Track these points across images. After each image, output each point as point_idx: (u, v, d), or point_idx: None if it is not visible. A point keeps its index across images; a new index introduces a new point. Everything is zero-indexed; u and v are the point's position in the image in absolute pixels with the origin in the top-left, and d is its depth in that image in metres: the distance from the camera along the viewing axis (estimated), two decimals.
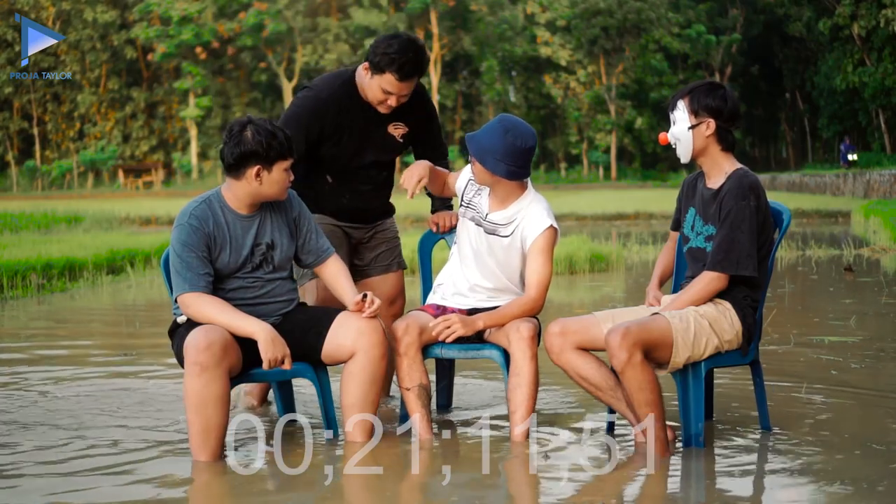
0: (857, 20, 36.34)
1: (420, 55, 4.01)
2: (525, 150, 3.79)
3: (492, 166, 3.79)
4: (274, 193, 3.74)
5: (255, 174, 3.66)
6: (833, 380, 4.91)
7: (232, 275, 3.72)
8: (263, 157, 3.64)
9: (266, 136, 3.64)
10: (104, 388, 4.97)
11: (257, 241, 3.75)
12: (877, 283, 9.23)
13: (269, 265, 3.78)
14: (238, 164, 3.66)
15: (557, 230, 3.94)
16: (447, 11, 52.40)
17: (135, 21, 53.84)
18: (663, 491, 3.25)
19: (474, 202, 4.03)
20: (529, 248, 3.90)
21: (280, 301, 3.82)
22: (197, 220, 3.67)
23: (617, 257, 11.36)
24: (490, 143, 3.79)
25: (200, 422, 3.50)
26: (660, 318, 3.55)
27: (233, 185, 3.72)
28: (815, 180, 33.27)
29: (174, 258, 3.67)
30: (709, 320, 3.58)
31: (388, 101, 4.10)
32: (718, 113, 3.66)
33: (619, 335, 3.44)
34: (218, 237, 3.69)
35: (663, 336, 3.50)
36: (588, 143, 54.25)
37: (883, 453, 3.57)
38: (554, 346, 3.71)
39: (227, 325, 3.58)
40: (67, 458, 3.65)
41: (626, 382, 3.47)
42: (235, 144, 3.65)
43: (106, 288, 10.12)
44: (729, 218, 3.58)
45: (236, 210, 3.74)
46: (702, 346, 3.56)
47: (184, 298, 3.63)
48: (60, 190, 51.10)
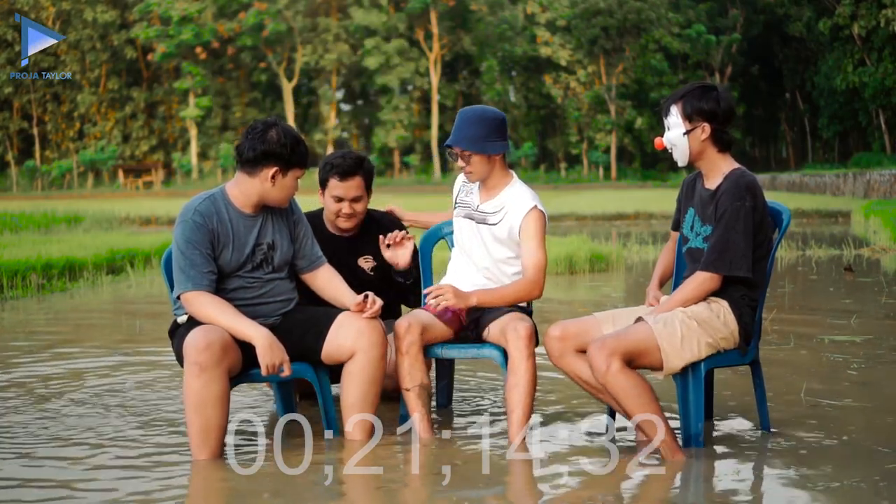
0: (857, 20, 36.37)
1: (350, 155, 4.29)
2: (500, 121, 3.95)
3: (491, 149, 3.91)
4: (280, 199, 3.74)
5: (270, 175, 3.66)
6: (833, 380, 4.91)
7: (233, 273, 3.72)
8: (284, 160, 3.65)
9: (291, 140, 3.66)
10: (103, 388, 4.97)
11: (259, 242, 3.75)
12: (877, 283, 9.23)
13: (269, 266, 3.78)
14: (256, 161, 3.65)
15: (544, 213, 3.98)
16: (447, 11, 52.41)
17: (135, 21, 53.87)
18: (663, 491, 3.25)
19: (465, 200, 4.11)
20: (520, 235, 3.95)
21: (279, 301, 3.82)
22: (201, 216, 3.66)
23: (617, 257, 11.36)
24: (471, 132, 3.90)
25: (200, 421, 3.50)
26: (640, 326, 3.55)
27: (243, 181, 3.71)
28: (815, 180, 33.27)
29: (177, 255, 3.65)
30: (697, 321, 3.57)
31: (342, 209, 4.28)
32: (713, 116, 3.64)
33: (596, 347, 3.47)
34: (221, 234, 3.68)
35: (644, 342, 3.49)
36: (588, 143, 54.25)
37: (883, 453, 3.57)
38: (554, 349, 3.72)
39: (227, 326, 3.57)
40: (67, 458, 3.65)
41: (611, 391, 3.48)
42: (260, 141, 3.64)
43: (106, 288, 10.12)
44: (724, 218, 3.58)
45: (240, 209, 3.74)
46: (695, 348, 3.55)
47: (187, 296, 3.63)
48: (60, 190, 51.10)
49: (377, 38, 52.06)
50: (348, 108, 58.43)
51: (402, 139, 52.95)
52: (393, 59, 51.88)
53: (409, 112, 53.53)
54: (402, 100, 53.60)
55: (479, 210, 4.04)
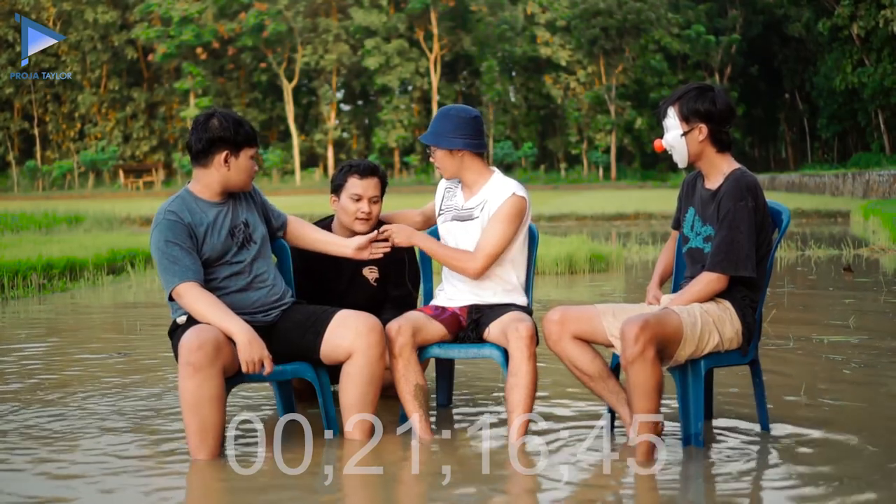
0: (856, 20, 36.34)
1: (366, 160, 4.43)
2: (469, 119, 4.00)
3: (447, 143, 3.97)
4: (241, 181, 3.80)
5: (223, 160, 3.73)
6: (832, 380, 4.91)
7: (220, 260, 3.74)
8: (231, 142, 3.72)
9: (233, 122, 3.74)
10: (103, 388, 4.98)
11: (235, 223, 3.80)
12: (876, 283, 9.24)
13: (252, 243, 3.81)
14: (206, 151, 3.73)
15: (525, 199, 3.99)
16: (447, 11, 52.38)
17: (135, 21, 53.84)
18: (663, 491, 3.26)
19: (450, 204, 4.15)
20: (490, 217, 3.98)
21: (268, 285, 3.82)
22: (174, 213, 3.72)
23: (617, 257, 11.36)
24: (439, 127, 4.00)
25: (197, 422, 3.51)
26: (672, 314, 3.51)
27: (202, 175, 3.78)
28: (815, 180, 33.25)
29: (159, 258, 3.69)
30: (713, 317, 3.58)
31: (361, 209, 4.29)
32: (710, 116, 3.64)
33: (637, 327, 3.37)
34: (196, 225, 3.73)
35: (675, 332, 3.48)
36: (588, 143, 54.22)
37: (882, 453, 3.57)
38: (552, 333, 3.73)
39: (213, 321, 3.60)
40: (66, 458, 3.66)
41: (632, 375, 3.40)
42: (203, 131, 3.73)
43: (106, 288, 10.12)
44: (727, 219, 3.58)
45: (208, 200, 3.79)
46: (704, 341, 3.55)
47: (178, 290, 3.65)
48: (61, 190, 51.08)
49: (377, 39, 52.04)
50: (348, 108, 58.38)
51: (402, 139, 52.92)
52: (393, 60, 51.87)
53: (409, 112, 53.51)
54: (402, 100, 53.58)
55: (464, 209, 4.08)
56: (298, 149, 53.41)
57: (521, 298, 4.09)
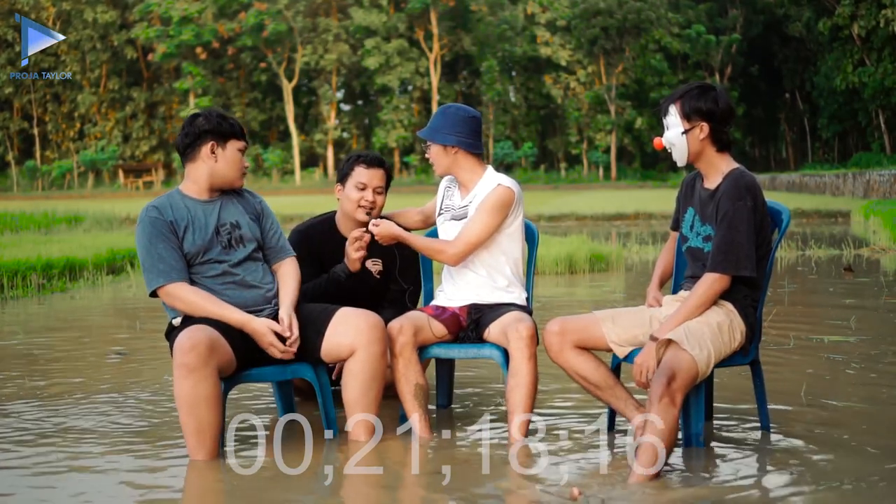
0: (856, 20, 36.38)
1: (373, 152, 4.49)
2: (467, 118, 4.03)
3: (441, 139, 4.01)
4: (231, 175, 3.80)
5: (209, 151, 3.75)
6: (832, 380, 4.91)
7: (207, 259, 3.72)
8: (217, 133, 3.75)
9: (217, 115, 3.79)
10: (102, 388, 4.98)
11: (221, 222, 3.79)
12: (877, 283, 9.24)
13: (240, 244, 3.80)
14: (193, 145, 3.76)
15: (513, 190, 4.00)
16: (447, 11, 52.40)
17: (135, 21, 53.87)
18: (663, 491, 3.25)
19: (448, 203, 4.17)
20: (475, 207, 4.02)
21: (264, 286, 3.81)
22: (156, 210, 3.73)
23: (617, 257, 11.36)
24: (436, 123, 4.04)
25: (193, 423, 3.51)
26: (683, 357, 3.40)
27: (191, 170, 3.80)
28: (815, 180, 33.26)
29: (143, 256, 3.69)
30: (720, 330, 3.54)
31: (365, 197, 4.33)
32: (711, 115, 3.64)
33: (662, 386, 3.30)
34: (179, 220, 3.73)
35: (690, 372, 3.40)
36: (588, 143, 54.25)
37: (882, 453, 3.57)
38: (553, 344, 3.72)
39: (215, 314, 3.59)
40: (66, 458, 3.66)
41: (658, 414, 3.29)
42: (190, 127, 3.78)
43: (106, 288, 10.12)
44: (726, 219, 3.57)
45: (197, 197, 3.80)
46: (717, 359, 3.54)
47: (167, 290, 3.65)
48: (61, 190, 51.10)
49: (377, 39, 52.06)
50: (348, 108, 58.40)
51: (402, 139, 52.94)
52: (393, 59, 51.89)
53: (409, 112, 53.53)
54: (402, 100, 53.61)
55: (459, 208, 4.11)
56: (298, 149, 53.44)
57: (520, 297, 4.09)
